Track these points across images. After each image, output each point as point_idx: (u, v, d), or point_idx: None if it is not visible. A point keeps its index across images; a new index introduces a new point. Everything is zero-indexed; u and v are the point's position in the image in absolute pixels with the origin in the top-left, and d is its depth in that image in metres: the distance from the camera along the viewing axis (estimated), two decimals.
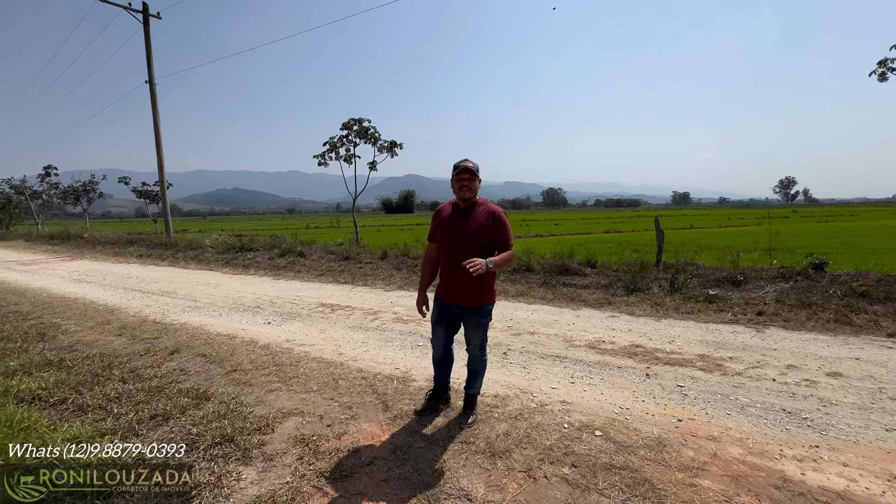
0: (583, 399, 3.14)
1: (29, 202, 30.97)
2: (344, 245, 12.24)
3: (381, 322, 5.28)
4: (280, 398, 3.20)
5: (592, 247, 13.47)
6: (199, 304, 6.52)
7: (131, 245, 16.07)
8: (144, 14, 16.11)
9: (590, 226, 36.68)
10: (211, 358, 4.07)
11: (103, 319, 5.62)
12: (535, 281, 7.31)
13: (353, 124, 13.33)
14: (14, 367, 3.75)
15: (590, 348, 4.20)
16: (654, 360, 3.86)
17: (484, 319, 2.74)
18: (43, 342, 4.68)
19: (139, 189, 25.77)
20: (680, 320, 5.10)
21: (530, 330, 4.82)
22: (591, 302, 5.98)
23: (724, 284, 6.44)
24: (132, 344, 4.57)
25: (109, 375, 3.63)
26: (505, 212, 2.72)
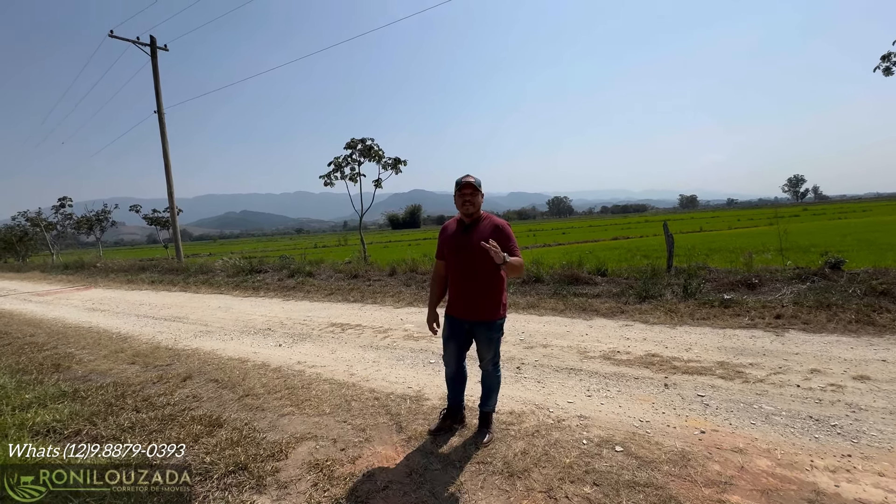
0: (601, 413, 3.06)
1: (44, 233, 31.63)
2: (352, 263, 12.27)
3: (391, 340, 5.24)
4: (293, 422, 3.17)
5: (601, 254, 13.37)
6: (211, 328, 6.54)
7: (143, 272, 16.26)
8: (152, 47, 16.60)
9: (598, 233, 36.49)
10: (223, 383, 4.06)
11: (117, 348, 5.65)
12: (546, 292, 7.24)
13: (357, 143, 13.48)
14: (30, 400, 3.76)
15: (605, 359, 4.12)
16: (671, 369, 3.77)
17: (495, 334, 2.71)
18: (58, 373, 4.71)
19: (150, 216, 26.17)
20: (696, 327, 5.00)
21: (543, 342, 4.75)
22: (604, 311, 5.90)
23: (738, 288, 6.32)
24: (145, 371, 4.58)
25: (123, 405, 3.63)
26: (510, 223, 2.72)
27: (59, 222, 30.26)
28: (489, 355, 2.75)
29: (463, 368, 2.90)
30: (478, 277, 2.62)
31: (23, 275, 22.17)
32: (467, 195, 2.60)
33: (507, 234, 2.58)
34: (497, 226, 2.62)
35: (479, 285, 2.63)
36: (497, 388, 2.86)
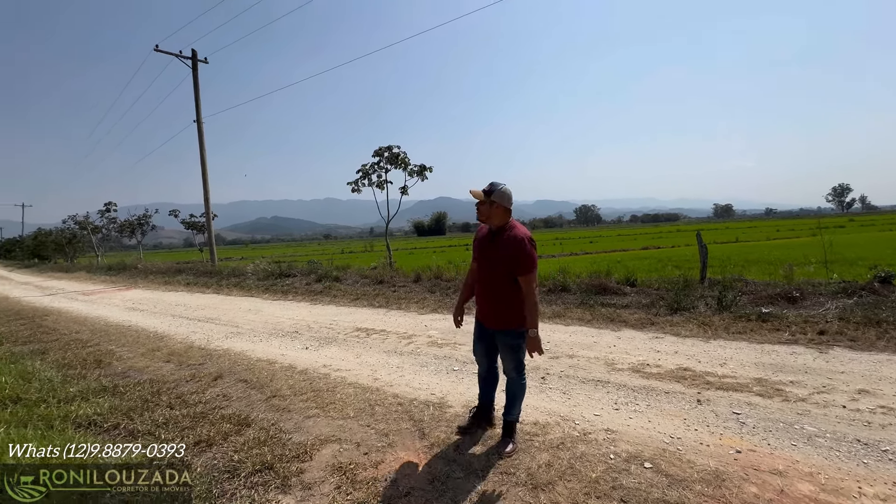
0: (629, 427, 2.97)
1: (91, 236, 33.49)
2: (378, 269, 12.42)
3: (415, 346, 5.26)
4: (318, 425, 3.21)
5: (630, 264, 13.03)
6: (241, 330, 6.74)
7: (179, 274, 16.94)
8: (193, 60, 17.44)
9: (626, 242, 35.63)
10: (252, 384, 4.16)
11: (153, 346, 5.90)
12: (572, 301, 7.10)
13: (384, 151, 13.70)
14: (73, 393, 3.96)
15: (633, 372, 4.00)
16: (704, 384, 3.62)
17: (515, 342, 2.68)
18: (99, 368, 4.94)
19: (187, 221, 27.31)
20: (731, 341, 4.79)
21: (569, 353, 4.65)
22: (633, 322, 5.74)
23: (777, 301, 6.03)
24: (179, 370, 4.75)
25: (158, 401, 3.77)
26: (532, 235, 2.64)
27: (104, 226, 31.96)
28: (510, 363, 2.74)
29: (494, 369, 2.95)
30: (496, 287, 2.63)
31: (70, 275, 23.51)
32: (478, 205, 2.64)
33: (518, 250, 2.53)
34: (515, 238, 2.58)
35: (498, 294, 2.64)
36: (521, 396, 2.82)
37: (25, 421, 3.31)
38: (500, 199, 2.61)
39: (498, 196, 2.60)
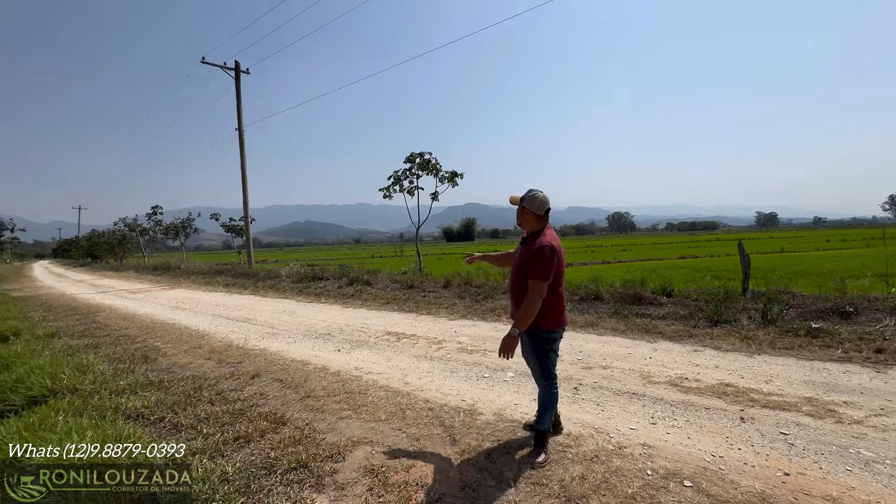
0: (667, 443, 2.87)
1: (139, 238, 35.47)
2: (408, 274, 12.54)
3: (445, 352, 5.27)
4: (350, 426, 3.27)
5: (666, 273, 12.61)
6: (277, 330, 6.95)
7: (219, 275, 17.67)
8: (236, 71, 18.27)
9: (662, 251, 34.50)
10: (287, 383, 4.29)
11: (195, 344, 6.17)
12: (605, 311, 6.94)
13: (416, 157, 13.86)
14: (123, 386, 4.20)
15: (671, 386, 3.86)
16: (748, 401, 3.45)
17: (534, 342, 2.70)
18: (146, 363, 5.22)
19: (227, 224, 28.49)
20: (777, 357, 4.55)
21: (602, 364, 4.54)
22: (670, 334, 5.54)
23: (829, 316, 5.68)
24: (219, 367, 4.95)
25: (200, 397, 3.94)
26: (556, 244, 2.61)
27: (150, 228, 33.79)
28: (535, 367, 2.77)
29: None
30: (517, 288, 2.72)
31: (120, 274, 24.95)
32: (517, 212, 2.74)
33: (537, 257, 2.55)
34: (536, 244, 2.59)
35: (519, 295, 2.70)
36: (550, 406, 2.78)
37: (81, 410, 3.53)
38: (530, 205, 2.65)
39: (528, 202, 2.65)
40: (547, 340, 2.69)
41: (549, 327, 2.68)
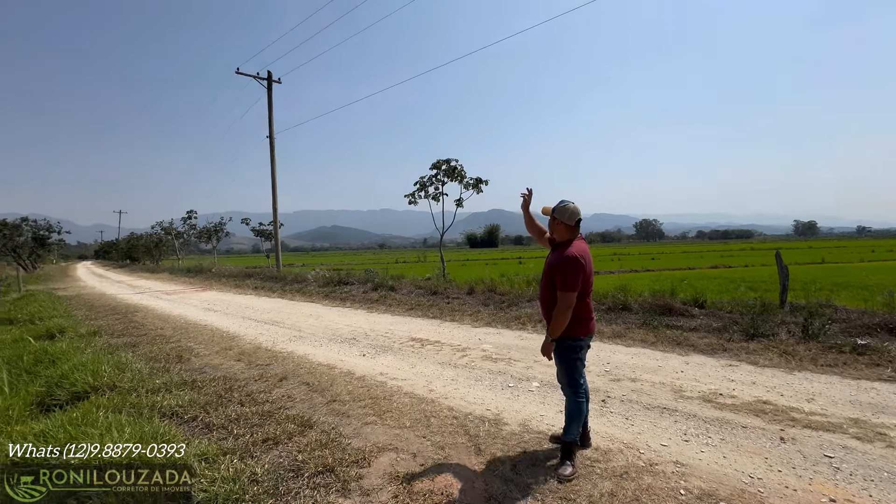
0: (700, 461, 2.76)
1: (174, 241, 36.93)
2: (431, 280, 12.57)
3: (469, 359, 5.24)
4: (375, 432, 3.29)
5: (698, 283, 12.21)
6: (303, 333, 7.08)
7: (248, 278, 18.17)
8: (269, 81, 18.87)
9: (692, 260, 33.43)
10: (313, 387, 4.35)
11: (226, 345, 6.35)
12: (634, 321, 6.76)
13: (442, 164, 13.94)
14: (159, 385, 4.36)
15: (704, 401, 3.71)
16: (789, 421, 3.28)
17: (561, 349, 2.70)
18: (180, 363, 5.40)
19: (257, 229, 29.34)
20: (819, 374, 4.32)
21: (631, 376, 4.42)
22: (702, 347, 5.35)
23: (876, 332, 5.36)
24: (248, 369, 5.07)
25: (230, 397, 4.05)
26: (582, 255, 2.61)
27: (185, 232, 35.12)
28: (562, 376, 2.77)
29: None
30: (547, 295, 2.74)
31: (156, 275, 26.01)
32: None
33: (562, 268, 2.58)
34: (562, 254, 2.61)
35: (548, 302, 2.72)
36: (577, 416, 2.74)
37: (120, 407, 3.69)
38: (561, 216, 2.72)
39: (559, 212, 2.72)
40: (573, 348, 2.70)
41: (575, 335, 2.68)
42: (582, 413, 2.76)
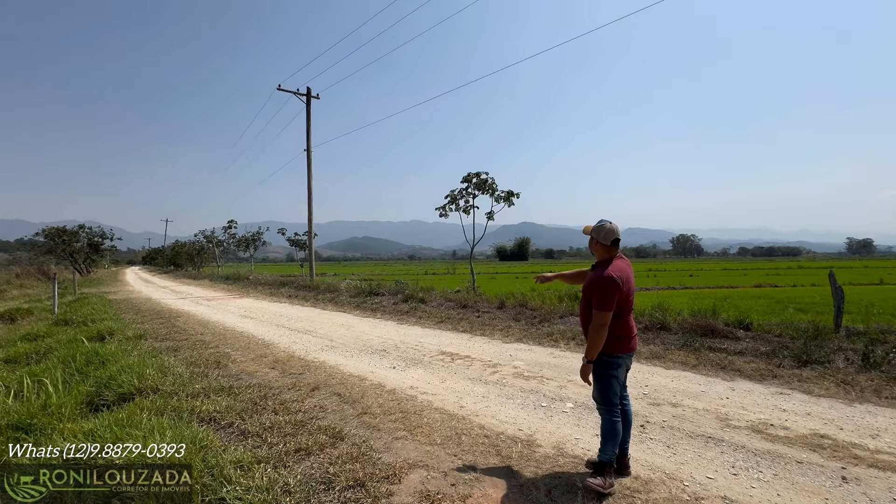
0: (752, 498, 2.57)
1: (214, 249, 38.59)
2: (462, 293, 12.53)
3: (500, 376, 5.15)
4: (406, 447, 3.26)
5: (741, 303, 11.61)
6: (335, 343, 7.18)
7: (283, 287, 18.69)
8: (307, 97, 19.61)
9: (734, 278, 31.86)
10: (345, 398, 4.38)
11: (261, 353, 6.51)
12: (673, 342, 6.47)
13: (473, 177, 13.99)
14: (198, 390, 4.50)
15: (754, 432, 3.48)
16: (851, 458, 3.02)
17: (595, 364, 2.68)
18: (218, 369, 5.57)
19: (292, 238, 30.28)
20: (884, 407, 3.97)
21: (672, 401, 4.21)
22: (749, 372, 5.04)
23: None
24: (282, 377, 5.17)
25: (265, 405, 4.13)
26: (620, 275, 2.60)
27: (225, 240, 36.67)
28: (595, 391, 2.75)
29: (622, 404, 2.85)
30: (585, 313, 2.76)
31: (196, 282, 27.18)
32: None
33: (598, 288, 2.60)
34: (599, 274, 2.64)
35: (587, 320, 2.73)
36: (611, 437, 2.66)
37: (162, 410, 3.82)
38: (597, 235, 2.74)
39: (595, 232, 2.76)
40: (608, 364, 2.68)
41: (611, 352, 2.67)
42: (617, 433, 2.67)
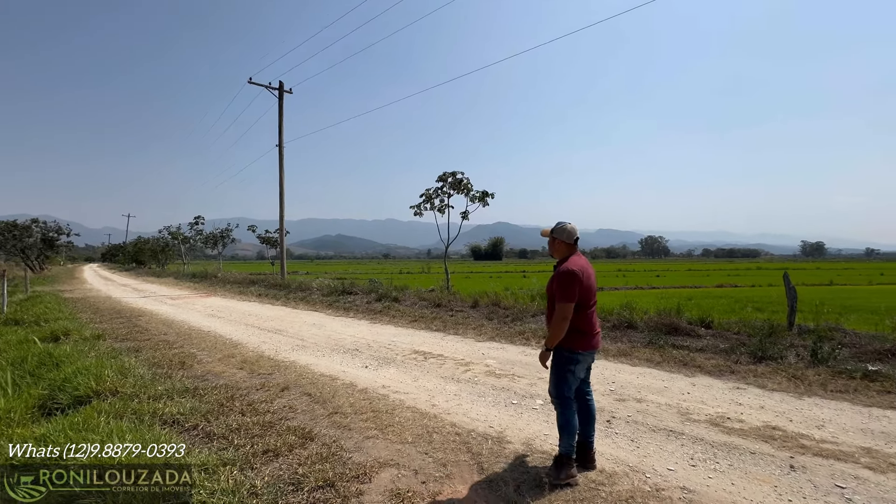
0: (708, 488, 2.70)
1: (180, 246, 37.20)
2: (435, 292, 12.55)
3: (473, 374, 5.19)
4: (377, 446, 3.25)
5: (704, 303, 12.10)
6: (306, 343, 7.06)
7: (252, 285, 18.21)
8: (280, 91, 19.17)
9: (698, 279, 33.20)
10: (315, 398, 4.32)
11: (228, 353, 6.34)
12: (639, 340, 6.69)
13: (448, 177, 14.02)
14: (161, 392, 4.34)
15: (712, 425, 3.65)
16: (798, 448, 3.22)
17: (555, 358, 2.81)
18: (183, 370, 5.39)
19: (263, 236, 29.53)
20: (829, 400, 4.24)
21: (637, 396, 4.36)
22: (709, 368, 5.27)
23: (887, 358, 5.27)
24: (250, 378, 5.05)
25: (232, 407, 4.02)
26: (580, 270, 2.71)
27: (192, 237, 35.39)
28: (551, 384, 2.84)
29: (581, 396, 2.96)
30: (549, 309, 2.89)
31: (161, 279, 26.12)
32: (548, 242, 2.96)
33: (558, 281, 2.74)
34: (561, 269, 2.76)
35: (550, 315, 2.85)
36: (565, 429, 2.77)
37: (122, 413, 3.67)
38: (560, 235, 2.86)
39: (558, 232, 2.89)
40: (568, 359, 2.77)
41: (571, 347, 2.76)
42: (572, 427, 2.77)
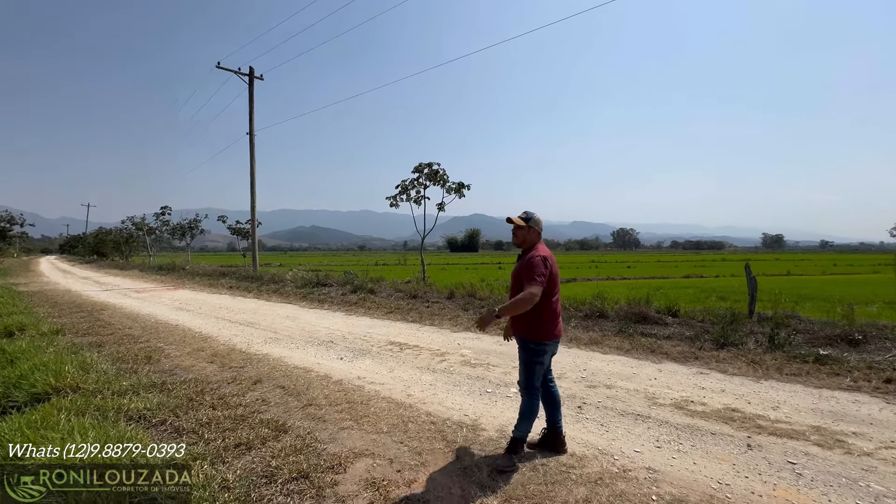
0: (672, 468, 2.82)
1: (146, 237, 35.74)
2: (412, 283, 12.53)
3: (448, 364, 5.24)
4: (352, 437, 3.24)
5: (671, 293, 12.53)
6: (279, 335, 6.95)
7: (223, 277, 17.72)
8: (250, 77, 18.53)
9: (667, 269, 34.34)
10: (289, 390, 4.27)
11: (198, 346, 6.17)
12: (610, 329, 6.90)
13: (424, 168, 13.95)
14: (126, 387, 4.19)
15: (676, 408, 3.81)
16: (755, 428, 3.40)
17: (524, 352, 2.87)
18: (149, 364, 5.21)
19: (233, 227, 28.68)
20: (784, 383, 4.49)
21: (607, 383, 4.50)
22: (675, 355, 5.49)
23: (837, 343, 5.61)
24: (221, 371, 4.94)
25: (202, 401, 3.93)
26: (548, 256, 2.82)
27: (158, 228, 34.05)
28: (521, 376, 2.92)
29: (545, 384, 3.04)
30: (513, 293, 2.91)
31: (125, 272, 25.08)
32: (514, 231, 2.96)
33: (527, 265, 2.78)
34: (531, 255, 2.83)
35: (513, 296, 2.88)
36: (526, 415, 2.88)
37: (84, 410, 3.53)
38: (536, 225, 2.95)
39: (534, 222, 2.96)
40: (536, 352, 2.85)
41: (539, 339, 2.83)
42: (534, 413, 2.89)
